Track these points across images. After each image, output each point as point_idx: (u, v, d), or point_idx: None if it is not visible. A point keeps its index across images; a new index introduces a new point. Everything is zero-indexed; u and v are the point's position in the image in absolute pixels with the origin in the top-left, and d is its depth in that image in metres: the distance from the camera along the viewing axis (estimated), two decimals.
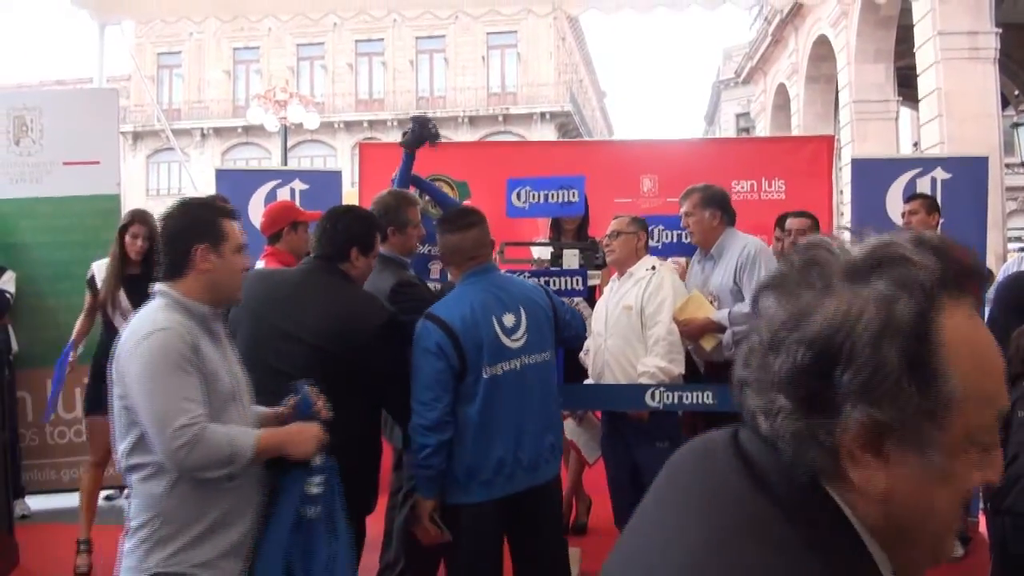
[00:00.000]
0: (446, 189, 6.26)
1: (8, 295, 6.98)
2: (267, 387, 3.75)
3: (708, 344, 5.30)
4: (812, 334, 1.04)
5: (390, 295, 4.46)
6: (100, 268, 6.22)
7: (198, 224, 3.20)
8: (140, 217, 6.22)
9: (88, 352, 6.38)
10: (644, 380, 5.04)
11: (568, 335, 4.46)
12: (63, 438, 7.18)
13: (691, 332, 5.21)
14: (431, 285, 5.53)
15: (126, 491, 7.48)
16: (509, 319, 3.98)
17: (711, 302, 5.34)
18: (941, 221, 6.39)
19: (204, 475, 2.95)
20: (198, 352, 3.03)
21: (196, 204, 3.37)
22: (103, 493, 7.60)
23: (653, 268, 5.42)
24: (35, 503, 7.45)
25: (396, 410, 4.10)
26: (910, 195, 6.66)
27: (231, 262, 3.23)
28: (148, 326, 3.00)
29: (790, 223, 6.26)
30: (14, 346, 7.15)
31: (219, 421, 3.01)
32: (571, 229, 6.26)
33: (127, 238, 6.08)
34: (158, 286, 3.17)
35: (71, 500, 6.95)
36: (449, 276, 5.12)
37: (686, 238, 5.77)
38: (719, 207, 5.55)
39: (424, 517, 3.88)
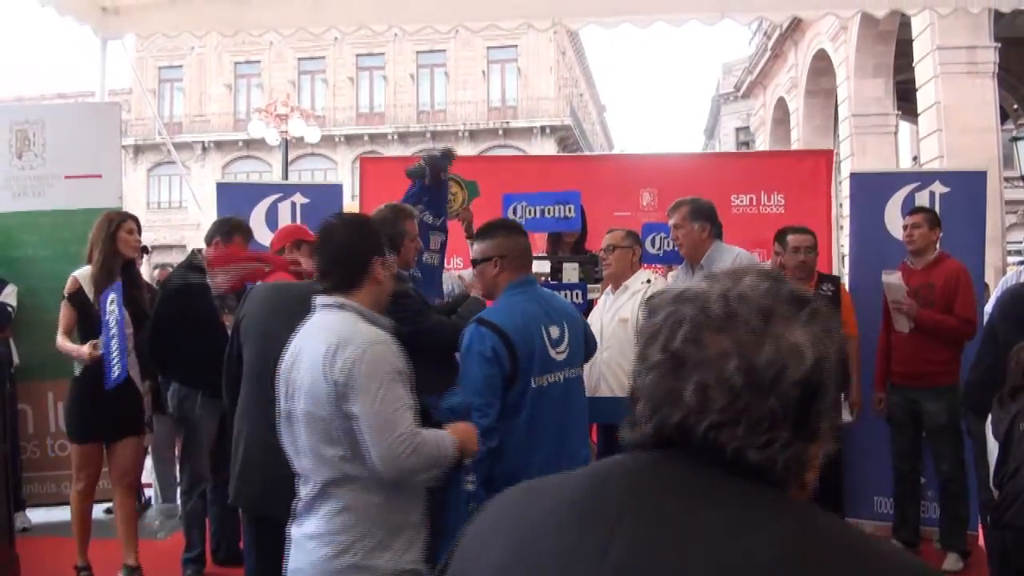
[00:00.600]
0: (455, 188, 6.24)
1: (9, 308, 6.98)
2: (272, 399, 3.80)
3: None
4: (802, 374, 1.20)
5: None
6: (86, 279, 5.89)
7: (374, 237, 3.35)
8: (131, 214, 6.17)
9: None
10: None
11: (591, 349, 4.53)
12: (64, 451, 7.15)
13: None
14: (427, 256, 5.55)
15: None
16: (555, 331, 4.00)
17: None
18: (941, 236, 6.43)
19: (418, 478, 3.10)
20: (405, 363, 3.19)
21: (366, 218, 3.54)
22: (102, 507, 7.60)
23: (648, 281, 5.48)
24: (35, 516, 7.45)
25: None
26: (913, 208, 6.67)
27: (392, 275, 3.42)
28: (361, 337, 3.10)
29: (794, 239, 6.26)
30: (15, 359, 7.15)
31: None
32: (569, 243, 6.28)
33: (122, 234, 5.89)
34: (333, 299, 3.24)
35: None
36: (467, 287, 5.19)
37: None
38: (708, 219, 5.60)
39: None
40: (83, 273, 5.89)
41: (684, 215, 5.64)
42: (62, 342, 5.92)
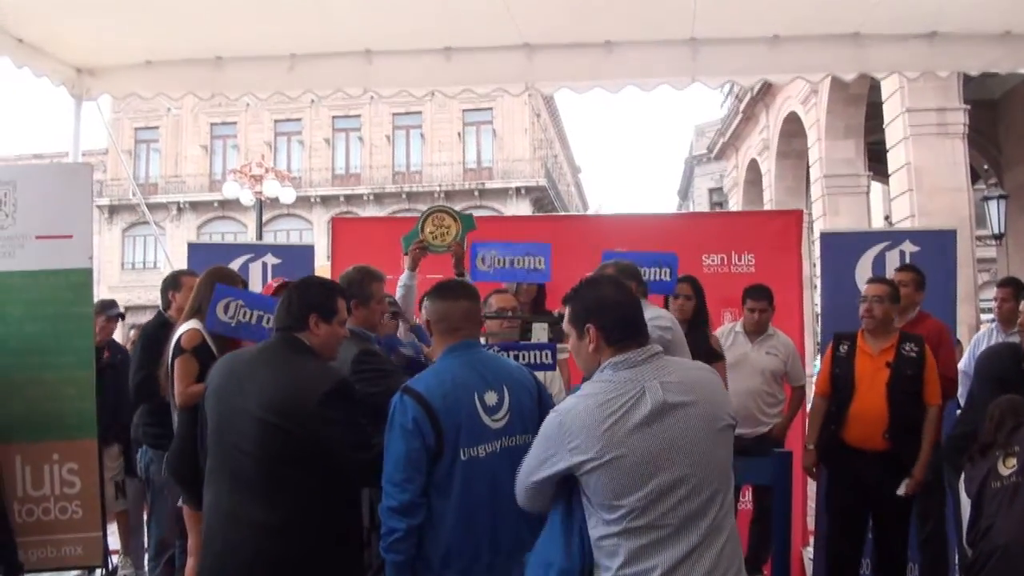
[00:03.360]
0: (449, 221, 6.23)
1: None
2: (229, 465, 3.76)
3: None
4: None
5: (352, 365, 4.48)
6: (205, 333, 5.38)
7: None
8: (238, 275, 5.96)
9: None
10: None
11: (544, 412, 4.01)
12: (31, 516, 7.01)
13: None
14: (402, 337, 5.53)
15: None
16: (491, 397, 3.77)
17: None
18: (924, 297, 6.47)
19: None
20: None
21: None
22: (70, 574, 7.46)
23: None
24: None
25: (362, 482, 3.96)
26: (901, 265, 6.73)
27: None
28: None
29: (865, 288, 6.17)
30: None
31: None
32: (526, 302, 6.29)
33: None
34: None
35: None
36: (429, 351, 5.10)
37: None
38: (634, 278, 5.51)
39: None
40: (199, 327, 5.42)
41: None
42: (194, 389, 5.17)
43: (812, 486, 6.74)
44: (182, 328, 5.41)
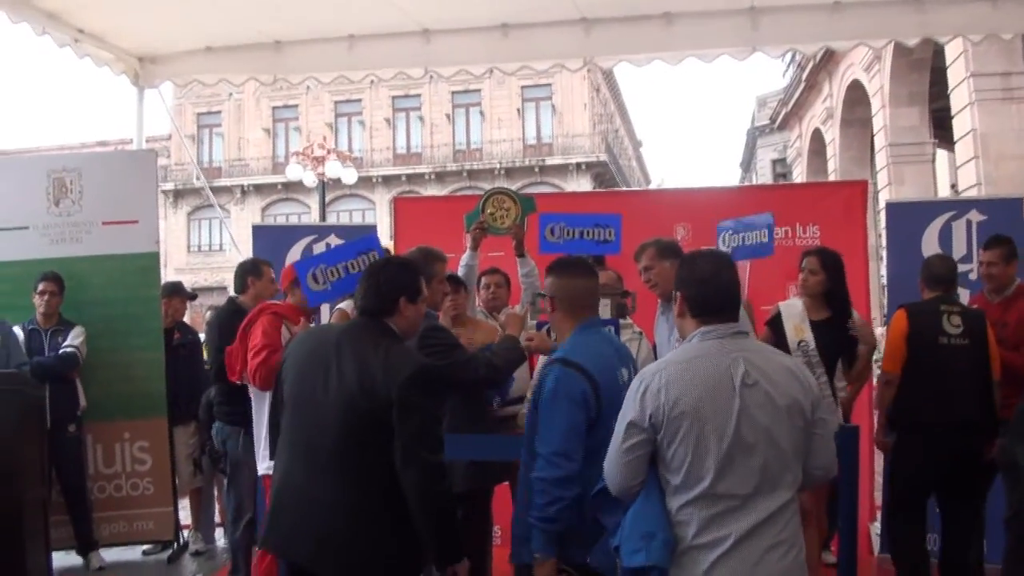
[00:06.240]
0: (509, 204, 6.23)
1: (72, 351, 6.95)
2: (305, 443, 3.76)
3: None
4: None
5: (419, 340, 4.52)
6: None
7: None
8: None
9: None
10: None
11: None
12: (136, 490, 7.32)
13: None
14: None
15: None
16: (625, 374, 3.88)
17: None
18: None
19: None
20: None
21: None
22: (141, 548, 7.62)
23: (640, 333, 5.58)
24: (109, 555, 7.37)
25: (420, 484, 3.63)
26: (988, 241, 6.33)
27: None
28: None
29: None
30: (82, 401, 7.10)
31: None
32: None
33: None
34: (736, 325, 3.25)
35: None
36: (503, 323, 5.17)
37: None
38: (675, 255, 5.42)
39: None
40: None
41: (652, 255, 5.55)
42: None
43: (879, 461, 6.64)
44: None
